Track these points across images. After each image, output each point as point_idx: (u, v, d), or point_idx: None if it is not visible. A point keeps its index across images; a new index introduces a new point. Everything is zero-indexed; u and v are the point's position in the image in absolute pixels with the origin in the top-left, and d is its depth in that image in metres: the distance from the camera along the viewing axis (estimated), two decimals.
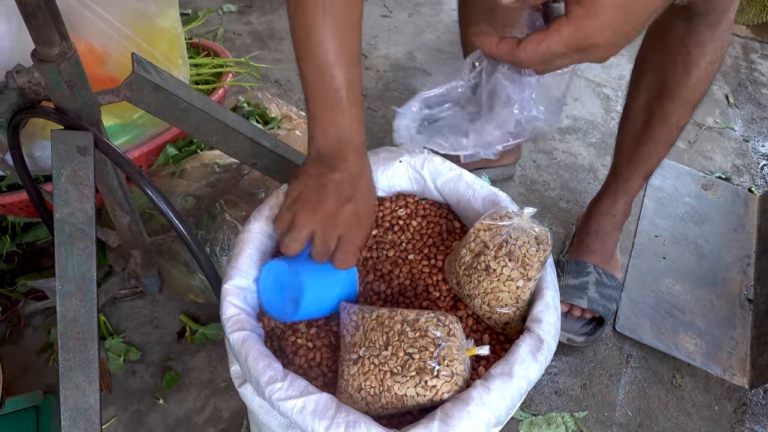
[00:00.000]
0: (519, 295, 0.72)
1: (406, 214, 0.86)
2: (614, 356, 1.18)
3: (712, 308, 1.26)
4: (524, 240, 0.71)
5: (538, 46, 0.52)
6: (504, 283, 0.71)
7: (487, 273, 0.72)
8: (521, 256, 0.70)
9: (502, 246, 0.70)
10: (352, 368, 0.69)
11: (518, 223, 0.71)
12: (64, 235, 0.71)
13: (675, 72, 1.01)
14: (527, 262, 0.70)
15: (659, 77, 1.04)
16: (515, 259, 0.70)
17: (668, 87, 1.03)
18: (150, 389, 1.06)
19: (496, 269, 0.71)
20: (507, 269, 0.70)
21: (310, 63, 0.67)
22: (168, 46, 0.99)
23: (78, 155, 0.71)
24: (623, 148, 1.16)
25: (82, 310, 0.73)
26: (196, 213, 1.03)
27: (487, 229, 0.72)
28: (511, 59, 0.55)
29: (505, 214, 0.73)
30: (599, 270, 1.19)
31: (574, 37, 0.51)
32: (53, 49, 0.69)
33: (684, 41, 0.98)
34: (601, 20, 0.49)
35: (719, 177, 1.56)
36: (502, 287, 0.72)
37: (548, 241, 0.72)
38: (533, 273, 0.71)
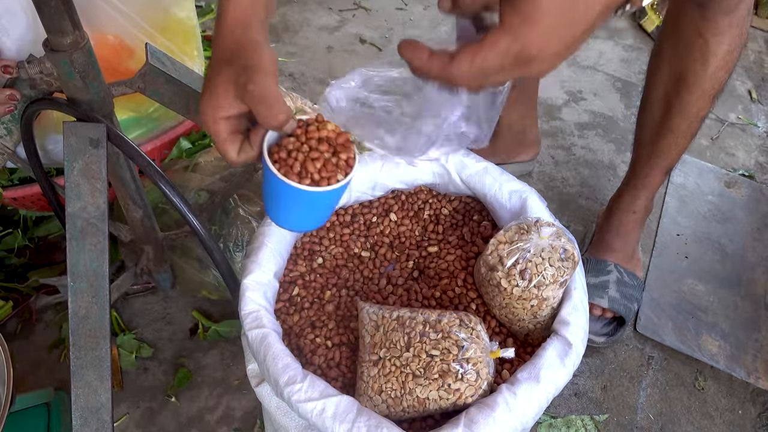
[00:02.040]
0: (535, 312, 0.69)
1: (429, 215, 0.84)
2: (635, 358, 1.15)
3: (735, 309, 1.23)
4: (541, 259, 0.68)
5: (472, 62, 0.46)
6: (516, 301, 0.69)
7: (498, 290, 0.69)
8: (535, 276, 0.67)
9: (516, 264, 0.68)
10: (372, 370, 0.66)
11: (536, 241, 0.68)
12: (76, 229, 0.70)
13: (692, 62, 0.98)
14: (542, 282, 0.67)
15: (676, 68, 1.01)
16: (528, 280, 0.67)
17: (686, 78, 1.00)
18: (162, 387, 1.05)
19: (506, 288, 0.68)
20: (518, 290, 0.68)
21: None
22: (183, 37, 0.97)
23: (90, 148, 0.69)
24: (642, 142, 1.13)
25: (94, 307, 0.71)
26: (209, 208, 1.01)
27: (507, 243, 0.70)
28: (443, 77, 0.48)
29: (530, 226, 0.71)
30: (620, 269, 1.16)
31: (512, 49, 0.44)
32: (66, 39, 0.67)
33: (700, 30, 0.95)
34: (541, 27, 0.44)
35: (742, 174, 1.52)
36: (515, 304, 0.69)
37: (575, 257, 0.69)
38: (549, 293, 0.68)
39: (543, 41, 0.44)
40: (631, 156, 1.18)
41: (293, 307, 0.76)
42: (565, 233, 0.73)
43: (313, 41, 1.78)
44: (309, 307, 0.76)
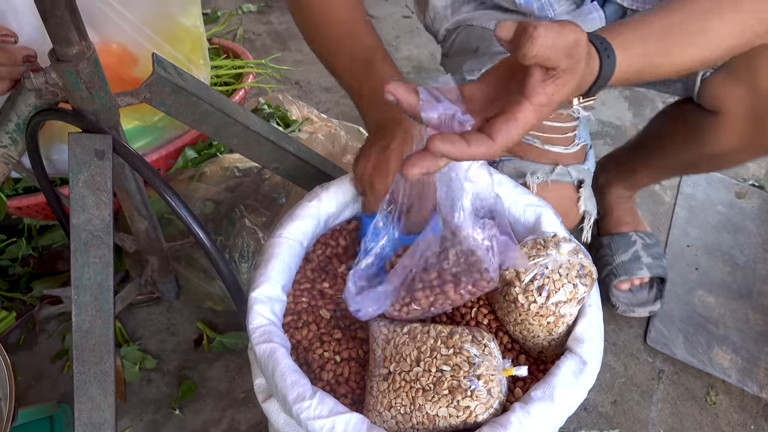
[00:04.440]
0: (551, 329, 0.68)
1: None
2: (646, 372, 1.13)
3: (747, 322, 1.21)
4: (559, 275, 0.66)
5: (509, 135, 0.52)
6: (533, 317, 0.67)
7: (515, 305, 0.68)
8: (553, 293, 0.66)
9: (534, 280, 0.66)
10: (381, 384, 0.65)
11: (555, 257, 0.67)
12: (80, 242, 0.68)
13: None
14: (560, 299, 0.66)
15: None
16: (545, 296, 0.66)
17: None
18: (166, 399, 1.03)
19: (524, 304, 0.67)
20: (535, 306, 0.66)
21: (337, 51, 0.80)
22: (190, 46, 0.96)
23: (96, 159, 0.68)
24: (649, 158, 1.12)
25: (98, 321, 0.70)
26: (215, 218, 1.00)
27: None
28: (486, 155, 0.53)
29: (547, 241, 0.69)
30: (640, 234, 1.22)
31: (533, 121, 0.53)
32: (71, 49, 0.66)
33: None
34: (551, 108, 0.53)
35: (753, 185, 1.50)
36: (532, 320, 0.68)
37: (593, 274, 0.68)
38: (567, 310, 0.67)
39: (546, 116, 0.54)
40: (626, 150, 1.19)
41: (301, 320, 0.75)
42: (582, 250, 0.71)
43: None
44: (317, 322, 0.75)
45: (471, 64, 0.95)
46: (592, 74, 0.58)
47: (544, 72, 0.52)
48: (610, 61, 0.58)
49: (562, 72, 0.52)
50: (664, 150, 1.04)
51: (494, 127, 0.52)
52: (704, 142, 0.92)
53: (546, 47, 0.49)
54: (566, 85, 0.53)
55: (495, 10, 0.98)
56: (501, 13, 0.97)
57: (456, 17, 1.01)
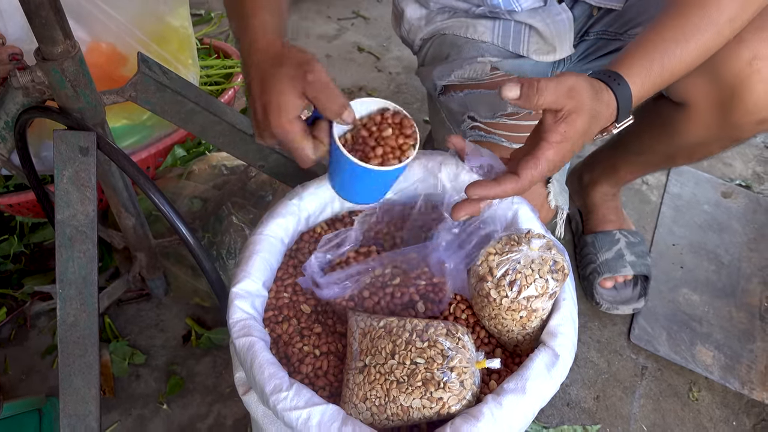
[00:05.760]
0: (524, 324, 0.69)
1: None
2: (629, 368, 1.14)
3: (730, 320, 1.22)
4: (531, 270, 0.68)
5: (534, 171, 0.64)
6: (505, 312, 0.69)
7: (488, 300, 0.69)
8: (525, 288, 0.67)
9: (506, 275, 0.68)
10: (357, 377, 0.66)
11: (527, 252, 0.68)
12: (65, 237, 0.70)
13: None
14: (531, 294, 0.67)
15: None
16: (517, 291, 0.67)
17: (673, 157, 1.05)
18: (154, 394, 1.05)
19: (496, 299, 0.68)
20: (507, 300, 0.68)
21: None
22: (178, 46, 0.97)
23: (80, 156, 0.69)
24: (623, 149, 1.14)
25: (83, 314, 0.71)
26: (202, 216, 1.01)
27: (497, 254, 0.70)
28: (516, 191, 0.65)
29: (520, 237, 0.71)
30: (624, 232, 1.23)
31: (555, 158, 0.64)
32: (56, 48, 0.68)
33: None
34: (571, 144, 0.64)
35: (739, 184, 1.52)
36: (504, 315, 0.69)
37: (566, 270, 0.69)
38: (539, 304, 0.68)
39: (569, 153, 0.65)
40: (609, 144, 1.21)
41: (282, 315, 0.76)
42: (556, 245, 0.73)
43: (312, 50, 1.77)
44: (298, 316, 0.76)
45: (440, 70, 0.97)
46: (610, 104, 0.67)
47: (554, 115, 0.63)
48: (623, 87, 0.67)
49: (568, 112, 0.62)
50: (641, 144, 1.05)
51: (520, 166, 0.63)
52: (675, 134, 0.94)
53: (550, 94, 0.61)
54: (576, 122, 0.63)
55: (467, 17, 1.00)
56: (472, 19, 0.99)
57: (430, 27, 1.03)
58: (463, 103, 0.94)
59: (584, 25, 1.04)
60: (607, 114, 0.67)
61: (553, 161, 0.64)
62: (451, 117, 0.96)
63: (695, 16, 0.69)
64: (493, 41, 0.97)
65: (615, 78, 0.68)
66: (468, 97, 0.94)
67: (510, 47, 0.98)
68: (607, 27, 1.01)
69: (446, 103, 0.97)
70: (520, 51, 0.97)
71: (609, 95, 0.67)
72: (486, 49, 0.96)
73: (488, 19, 0.98)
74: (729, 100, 0.82)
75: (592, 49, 1.06)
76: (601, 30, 1.02)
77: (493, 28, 0.98)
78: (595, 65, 1.07)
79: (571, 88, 0.62)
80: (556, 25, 0.98)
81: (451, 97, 0.96)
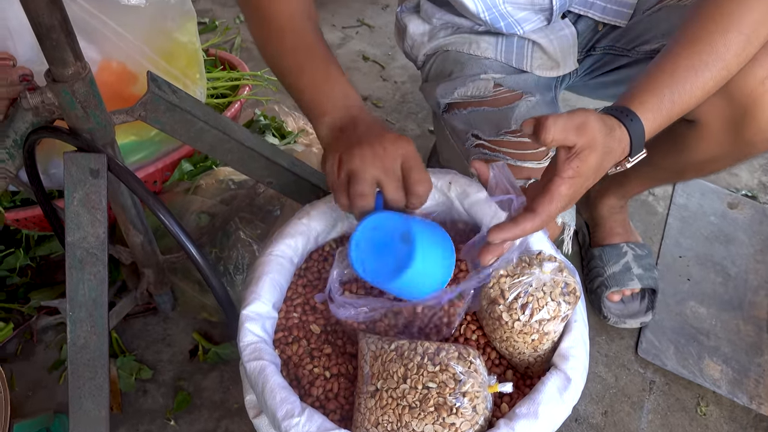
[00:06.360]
0: (536, 346, 0.69)
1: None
2: (636, 383, 1.14)
3: (738, 333, 1.22)
4: (543, 293, 0.68)
5: (550, 206, 0.65)
6: (517, 335, 0.69)
7: (499, 323, 0.69)
8: (537, 311, 0.67)
9: (518, 298, 0.68)
10: (369, 401, 0.66)
11: (538, 275, 0.68)
12: (75, 259, 0.70)
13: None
14: (543, 317, 0.67)
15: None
16: (529, 314, 0.67)
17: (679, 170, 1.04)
18: (161, 410, 1.05)
19: (507, 322, 0.68)
20: (519, 324, 0.68)
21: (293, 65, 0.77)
22: (186, 62, 0.97)
23: (91, 178, 0.69)
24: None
25: (93, 336, 0.71)
26: (210, 231, 1.01)
27: (509, 276, 0.70)
28: (534, 228, 0.66)
29: (532, 259, 0.70)
30: (631, 245, 1.23)
31: (568, 193, 0.65)
32: (67, 70, 0.68)
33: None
34: (583, 179, 0.66)
35: (745, 195, 1.51)
36: (516, 338, 0.69)
37: (577, 292, 0.69)
38: (551, 327, 0.68)
39: (582, 188, 0.67)
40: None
41: (292, 336, 0.76)
42: (567, 266, 0.73)
43: None
44: (308, 337, 0.76)
45: (443, 88, 0.97)
46: (623, 140, 0.68)
47: (567, 151, 0.65)
48: (636, 123, 0.68)
49: (580, 148, 0.64)
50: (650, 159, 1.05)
51: (536, 203, 0.65)
52: (686, 150, 0.94)
53: (559, 131, 0.62)
54: (588, 158, 0.64)
55: (470, 33, 0.99)
56: (475, 35, 0.99)
57: (433, 43, 1.03)
58: (466, 121, 0.94)
59: (590, 40, 1.04)
60: (620, 149, 0.69)
61: (567, 196, 0.65)
62: (455, 135, 0.96)
63: (704, 53, 0.70)
64: (496, 57, 0.97)
65: (627, 114, 0.68)
66: (471, 115, 0.93)
67: (513, 63, 0.97)
68: (613, 42, 1.01)
69: (450, 121, 0.97)
70: (523, 67, 0.97)
71: (622, 131, 0.68)
72: (489, 65, 0.96)
73: (491, 35, 0.98)
74: (741, 119, 0.82)
75: (598, 64, 1.05)
76: (608, 45, 1.02)
77: (496, 45, 0.98)
78: (601, 80, 1.07)
79: (580, 125, 0.64)
80: (560, 41, 0.98)
81: (454, 114, 0.96)
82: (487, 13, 0.94)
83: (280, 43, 0.77)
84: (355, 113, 0.74)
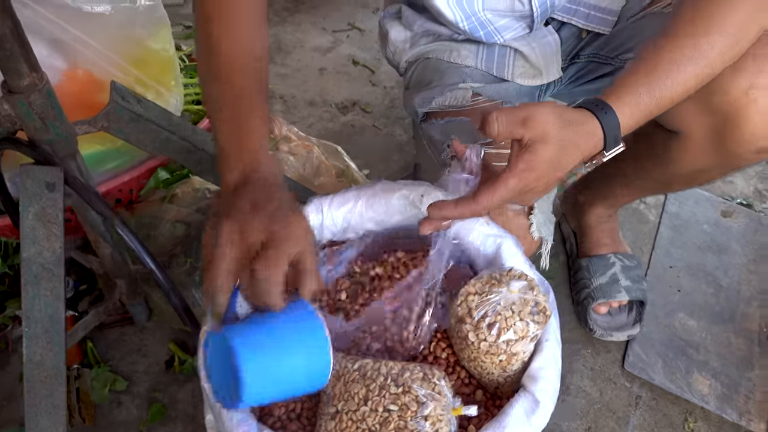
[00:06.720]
0: (504, 367, 0.67)
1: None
2: (622, 397, 1.11)
3: (728, 346, 1.19)
4: (511, 312, 0.65)
5: (491, 197, 0.63)
6: (484, 355, 0.66)
7: (466, 343, 0.67)
8: (504, 331, 0.65)
9: (485, 317, 0.65)
10: (329, 423, 0.64)
11: (506, 294, 0.66)
12: (31, 275, 0.68)
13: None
14: (511, 337, 0.65)
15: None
16: (496, 334, 0.65)
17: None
18: (135, 422, 1.03)
19: (474, 342, 0.66)
20: (485, 344, 0.65)
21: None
22: (159, 69, 0.95)
23: (47, 192, 0.68)
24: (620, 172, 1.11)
25: (49, 353, 0.70)
26: (184, 241, 0.99)
27: (477, 294, 0.67)
28: (473, 213, 0.65)
29: (502, 276, 0.68)
30: (619, 256, 1.20)
31: (518, 186, 0.63)
32: (22, 81, 0.66)
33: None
34: (537, 173, 0.63)
35: (740, 203, 1.48)
36: (484, 358, 0.67)
37: (547, 311, 0.67)
38: (519, 348, 0.65)
39: (537, 182, 0.64)
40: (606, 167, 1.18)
41: None
42: (540, 284, 0.70)
43: (306, 63, 1.76)
44: None
45: (421, 97, 0.95)
46: (593, 133, 0.66)
47: (519, 145, 0.64)
48: (610, 115, 0.66)
49: (530, 141, 0.62)
50: (636, 170, 1.02)
51: (479, 191, 0.64)
52: (670, 162, 0.91)
53: (503, 124, 0.62)
54: (540, 151, 0.62)
55: (450, 41, 0.97)
56: (456, 44, 0.97)
57: (414, 50, 1.01)
58: (443, 131, 0.92)
59: (574, 47, 1.01)
60: (590, 143, 0.66)
61: (514, 190, 0.64)
62: (432, 145, 0.94)
63: (687, 48, 0.67)
64: (476, 65, 0.95)
65: (602, 106, 0.66)
66: (449, 125, 0.91)
67: (494, 72, 0.95)
68: (597, 50, 0.99)
69: (427, 131, 0.95)
70: (504, 75, 0.95)
71: (592, 124, 0.66)
72: (469, 74, 0.94)
73: (472, 43, 0.96)
74: (724, 130, 0.80)
75: (582, 72, 1.03)
76: (592, 53, 1.00)
77: (477, 53, 0.95)
78: (586, 88, 1.04)
79: (526, 118, 0.62)
80: (542, 48, 0.96)
81: (432, 124, 0.94)
82: (466, 22, 0.92)
83: (218, 74, 0.68)
84: (264, 173, 0.63)
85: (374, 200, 0.81)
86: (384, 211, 0.81)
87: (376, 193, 0.81)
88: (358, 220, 0.81)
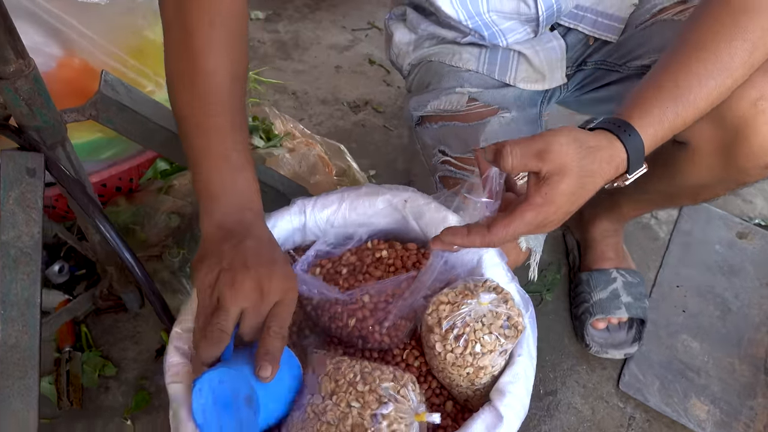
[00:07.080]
0: (473, 380, 0.65)
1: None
2: (615, 417, 1.08)
3: (732, 372, 1.15)
4: (481, 324, 0.64)
5: (506, 230, 0.61)
6: (451, 367, 0.65)
7: (433, 353, 0.65)
8: (472, 343, 0.63)
9: (453, 328, 0.64)
10: (294, 414, 0.64)
11: (475, 306, 0.64)
12: (9, 258, 0.69)
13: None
14: (478, 350, 0.63)
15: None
16: (463, 346, 0.63)
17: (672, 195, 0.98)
18: (120, 408, 1.04)
19: (441, 352, 0.64)
20: (452, 356, 0.64)
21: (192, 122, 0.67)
22: (158, 59, 0.96)
23: (27, 177, 0.68)
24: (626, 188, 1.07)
25: (24, 336, 0.70)
26: (176, 232, 1.00)
27: (449, 303, 0.66)
28: (483, 245, 0.62)
29: (476, 287, 0.67)
30: (621, 271, 1.17)
31: (535, 220, 0.60)
32: (8, 67, 0.67)
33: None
34: (556, 206, 0.60)
35: (758, 224, 1.43)
36: (451, 370, 0.65)
37: (520, 326, 0.65)
38: (487, 362, 0.64)
39: (555, 215, 0.61)
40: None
41: None
42: (516, 298, 0.68)
43: (322, 60, 1.76)
44: None
45: (417, 100, 0.94)
46: (616, 156, 0.63)
47: (536, 177, 0.60)
48: (634, 137, 0.63)
49: (548, 174, 0.59)
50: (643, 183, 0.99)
51: (494, 221, 0.62)
52: (677, 174, 0.88)
53: (517, 158, 0.59)
54: (559, 184, 0.59)
55: (453, 44, 0.96)
56: (458, 47, 0.95)
57: (417, 53, 0.99)
58: (436, 136, 0.90)
59: (581, 54, 0.99)
60: (611, 168, 0.63)
61: (531, 223, 0.61)
62: (424, 150, 0.93)
63: (708, 61, 0.64)
64: (477, 69, 0.93)
65: (624, 128, 0.63)
66: (442, 130, 0.90)
67: (496, 75, 0.93)
68: (605, 57, 0.96)
69: (421, 135, 0.94)
70: (506, 79, 0.93)
71: (615, 148, 0.62)
72: (467, 78, 0.92)
73: (475, 47, 0.94)
74: (733, 142, 0.77)
75: (589, 79, 1.00)
76: (600, 60, 0.97)
77: (479, 56, 0.93)
78: (593, 96, 1.02)
79: (542, 150, 0.59)
80: (546, 53, 0.93)
81: (426, 128, 0.93)
82: (470, 21, 0.90)
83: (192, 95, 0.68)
84: (250, 219, 0.66)
85: (358, 203, 0.80)
86: (369, 213, 0.80)
87: (360, 195, 0.80)
88: (342, 223, 0.81)
